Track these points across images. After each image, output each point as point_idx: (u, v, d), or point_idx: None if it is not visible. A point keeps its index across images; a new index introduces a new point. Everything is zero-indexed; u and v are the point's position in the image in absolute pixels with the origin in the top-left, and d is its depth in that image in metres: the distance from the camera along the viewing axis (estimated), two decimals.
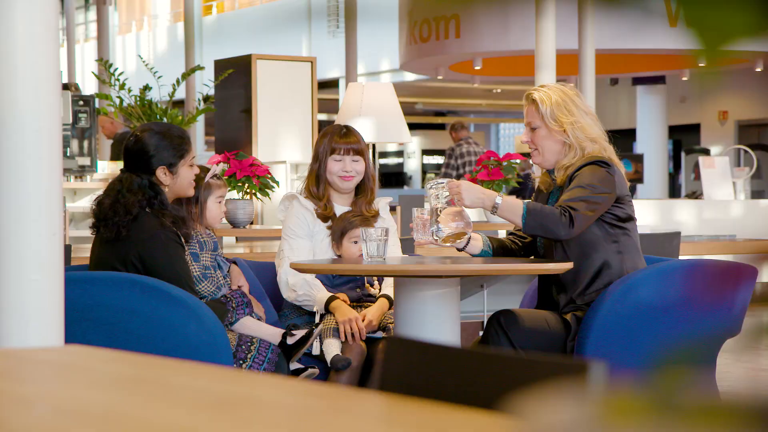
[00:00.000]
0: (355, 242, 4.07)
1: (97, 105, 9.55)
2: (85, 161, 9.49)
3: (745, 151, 14.43)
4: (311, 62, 9.73)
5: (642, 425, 0.50)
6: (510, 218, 3.60)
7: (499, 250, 3.90)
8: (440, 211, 3.67)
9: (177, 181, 3.80)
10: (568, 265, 3.57)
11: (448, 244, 3.75)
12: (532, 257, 3.93)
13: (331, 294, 4.02)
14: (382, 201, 4.33)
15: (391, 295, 4.10)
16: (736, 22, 0.47)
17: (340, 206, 4.21)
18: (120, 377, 1.38)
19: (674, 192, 18.14)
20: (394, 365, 1.28)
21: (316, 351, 3.97)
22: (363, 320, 3.98)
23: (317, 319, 4.06)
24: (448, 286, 3.64)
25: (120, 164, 9.44)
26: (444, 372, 1.24)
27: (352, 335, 3.91)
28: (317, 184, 4.17)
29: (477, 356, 1.23)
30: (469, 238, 3.78)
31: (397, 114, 6.20)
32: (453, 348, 1.25)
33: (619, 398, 0.52)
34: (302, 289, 4.04)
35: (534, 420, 0.53)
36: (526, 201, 3.60)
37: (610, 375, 1.11)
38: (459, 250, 3.85)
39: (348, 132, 4.20)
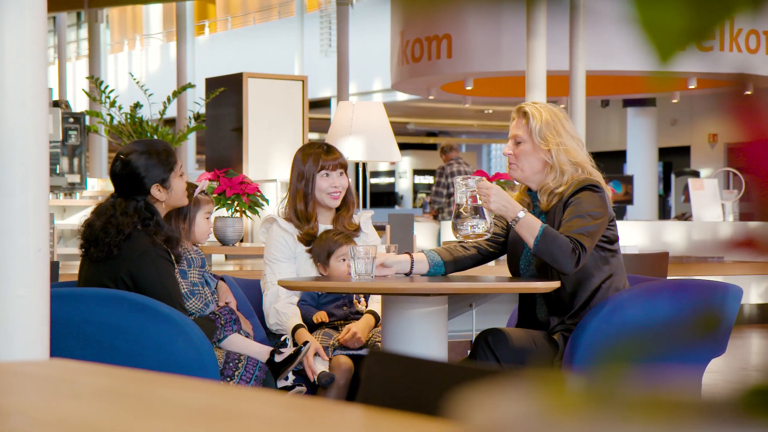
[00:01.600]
0: (343, 260, 4.07)
1: (87, 122, 9.56)
2: (75, 178, 9.49)
3: (734, 174, 14.48)
4: (302, 81, 9.75)
5: (584, 420, 0.50)
6: (525, 235, 3.60)
7: (451, 263, 3.90)
8: (464, 209, 3.69)
9: (172, 194, 3.81)
10: (555, 284, 3.58)
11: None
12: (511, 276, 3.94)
13: (298, 323, 4.02)
14: (364, 215, 4.34)
15: (377, 311, 4.11)
16: (684, 25, 0.48)
17: (322, 224, 4.22)
18: (102, 390, 1.38)
19: (664, 213, 18.18)
20: (375, 379, 1.29)
21: (289, 380, 3.96)
22: (349, 333, 3.99)
23: (290, 344, 4.05)
24: (435, 305, 3.64)
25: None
26: (424, 385, 1.24)
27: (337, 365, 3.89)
28: (305, 204, 4.17)
29: (457, 370, 1.23)
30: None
31: (387, 133, 6.21)
32: (433, 361, 1.26)
33: (560, 395, 0.53)
34: (273, 318, 4.07)
35: (476, 420, 0.53)
36: (544, 224, 3.60)
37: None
38: (406, 275, 3.86)
39: (330, 148, 4.24)
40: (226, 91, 9.12)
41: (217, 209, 5.67)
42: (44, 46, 2.81)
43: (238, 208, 5.85)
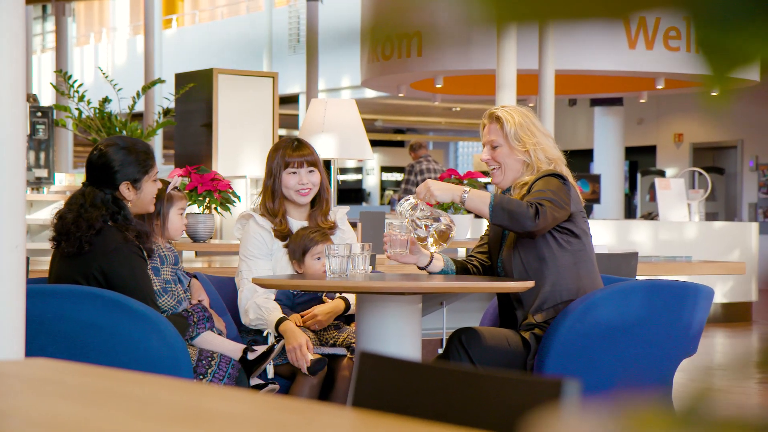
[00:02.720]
0: (318, 258, 4.07)
1: (54, 116, 9.48)
2: (42, 173, 9.42)
3: (700, 174, 14.59)
4: (273, 77, 9.73)
5: None
6: (478, 208, 3.60)
7: (461, 271, 3.93)
8: (423, 224, 3.69)
9: (140, 197, 3.79)
10: (530, 284, 3.59)
11: (434, 248, 3.75)
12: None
13: (281, 316, 3.99)
14: (340, 211, 4.30)
15: (350, 300, 4.11)
16: (749, 47, 0.48)
17: (297, 221, 4.20)
18: (93, 390, 1.38)
19: (630, 212, 18.29)
20: (368, 381, 1.29)
21: (270, 374, 3.95)
22: (309, 314, 4.01)
23: (271, 339, 4.04)
24: (410, 303, 3.65)
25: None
26: (418, 389, 1.25)
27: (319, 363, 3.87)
28: (273, 200, 4.15)
29: (450, 373, 1.24)
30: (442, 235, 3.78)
31: (359, 131, 6.21)
32: (427, 365, 1.26)
33: (641, 416, 0.53)
34: (254, 313, 4.03)
35: None
36: (494, 193, 3.63)
37: (579, 392, 1.13)
38: (420, 268, 3.87)
39: (300, 144, 4.19)
40: (196, 87, 9.08)
41: (188, 206, 5.65)
42: (22, 41, 2.79)
43: (209, 204, 5.83)
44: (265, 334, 4.05)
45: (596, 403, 0.56)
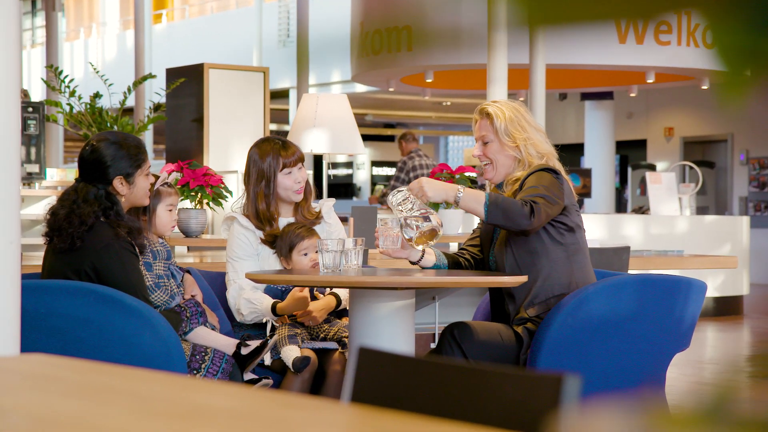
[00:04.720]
0: (305, 254, 4.08)
1: (45, 112, 9.46)
2: (34, 168, 9.39)
3: (691, 168, 14.61)
4: (264, 72, 9.71)
5: None
6: (472, 208, 3.60)
7: (453, 265, 3.94)
8: (412, 219, 3.69)
9: (133, 191, 3.79)
10: (523, 279, 3.60)
11: (420, 246, 3.76)
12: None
13: (273, 301, 4.02)
14: (326, 204, 4.31)
15: (341, 295, 4.13)
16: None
17: (284, 218, 4.21)
18: (91, 387, 1.38)
19: (620, 206, 18.32)
20: (367, 377, 1.30)
21: (267, 361, 3.97)
22: (300, 312, 4.05)
23: (268, 330, 4.07)
24: (403, 298, 3.66)
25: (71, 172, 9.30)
26: (417, 384, 1.26)
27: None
28: (268, 204, 4.13)
29: (449, 369, 1.24)
30: (434, 234, 3.79)
31: (351, 125, 6.22)
32: (426, 361, 1.27)
33: (669, 413, 0.53)
34: (246, 308, 4.05)
35: None
36: (488, 192, 3.63)
37: (580, 388, 1.13)
38: (412, 263, 3.88)
39: (287, 143, 4.18)
40: (187, 82, 9.06)
41: (181, 200, 5.65)
42: (16, 37, 2.79)
43: (201, 199, 5.83)
44: (265, 320, 4.07)
45: (614, 401, 0.57)
